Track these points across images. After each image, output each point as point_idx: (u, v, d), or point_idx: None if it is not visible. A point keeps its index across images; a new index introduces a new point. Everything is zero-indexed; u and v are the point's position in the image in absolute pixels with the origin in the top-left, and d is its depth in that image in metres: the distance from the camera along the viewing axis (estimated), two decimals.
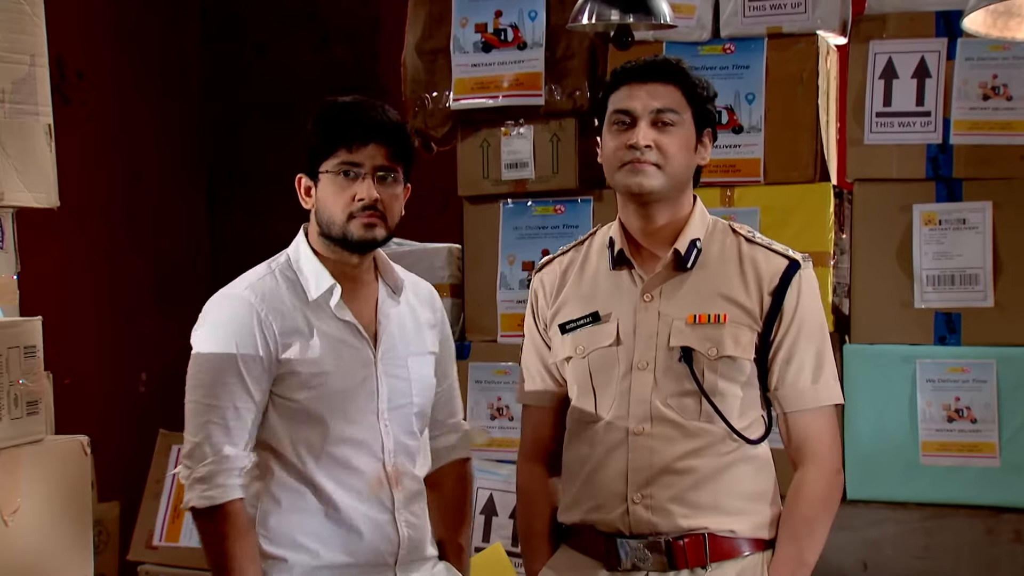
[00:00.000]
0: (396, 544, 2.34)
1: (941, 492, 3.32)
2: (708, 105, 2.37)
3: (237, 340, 2.28)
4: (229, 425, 2.25)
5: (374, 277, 2.41)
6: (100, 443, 2.77)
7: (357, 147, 2.25)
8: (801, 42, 3.47)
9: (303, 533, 2.30)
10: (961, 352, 3.31)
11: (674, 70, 2.34)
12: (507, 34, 3.74)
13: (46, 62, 2.56)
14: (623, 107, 2.31)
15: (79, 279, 4.56)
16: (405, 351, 2.39)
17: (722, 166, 3.50)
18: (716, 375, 2.29)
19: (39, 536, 2.46)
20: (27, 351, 2.46)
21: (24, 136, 2.52)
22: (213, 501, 2.23)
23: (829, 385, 2.33)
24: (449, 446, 2.56)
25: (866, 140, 3.42)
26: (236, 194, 5.29)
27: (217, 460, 2.24)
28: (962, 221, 3.34)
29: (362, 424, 2.32)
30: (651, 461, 2.29)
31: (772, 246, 2.35)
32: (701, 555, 2.27)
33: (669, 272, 2.33)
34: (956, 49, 3.35)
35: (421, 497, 2.41)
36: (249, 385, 2.26)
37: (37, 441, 2.48)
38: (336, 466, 2.30)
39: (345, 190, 2.27)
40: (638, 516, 2.29)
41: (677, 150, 2.30)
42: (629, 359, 2.32)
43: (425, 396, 2.42)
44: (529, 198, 3.76)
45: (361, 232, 2.28)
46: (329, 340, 2.31)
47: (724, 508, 2.29)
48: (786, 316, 2.30)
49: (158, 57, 5.06)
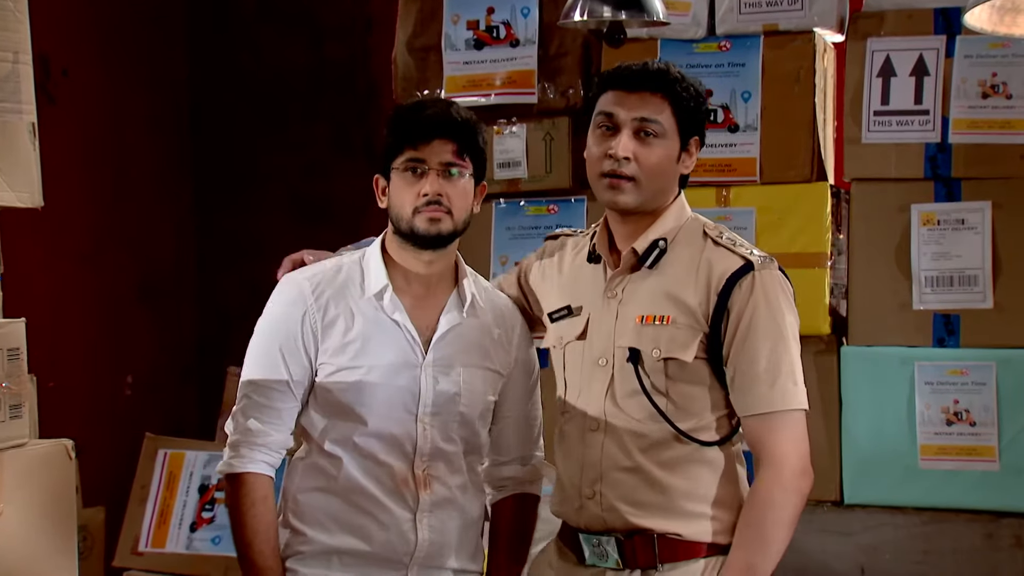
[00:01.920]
0: (413, 545, 2.39)
1: (940, 496, 3.32)
2: (697, 114, 2.36)
3: (283, 324, 2.41)
4: (259, 402, 2.39)
5: (452, 284, 2.46)
6: (85, 447, 2.76)
7: (422, 144, 2.34)
8: (798, 39, 3.49)
9: (324, 513, 2.39)
10: (960, 354, 3.32)
11: (665, 80, 2.32)
12: (499, 31, 3.74)
13: (30, 59, 2.56)
14: (607, 110, 2.33)
15: (63, 280, 4.55)
16: (459, 361, 2.42)
17: (717, 165, 3.51)
18: (665, 376, 2.29)
19: (22, 542, 2.45)
20: (10, 353, 2.46)
21: (7, 135, 2.51)
22: (232, 469, 2.39)
23: (786, 389, 2.25)
24: (514, 477, 2.55)
25: (864, 139, 3.44)
26: (224, 194, 5.28)
27: (242, 432, 2.39)
28: (961, 221, 3.35)
29: (396, 422, 2.38)
30: (600, 458, 2.32)
31: (735, 247, 2.32)
32: (651, 555, 2.28)
33: (630, 270, 2.35)
34: (955, 46, 3.36)
35: (454, 507, 2.43)
36: (285, 368, 2.39)
37: (20, 445, 2.48)
38: (364, 458, 2.38)
39: (412, 186, 2.35)
40: (590, 512, 2.33)
41: (656, 162, 2.30)
42: (591, 355, 2.36)
43: (473, 408, 2.44)
44: (522, 198, 3.76)
45: (426, 226, 2.35)
46: (373, 336, 2.39)
47: (673, 510, 2.29)
48: (733, 317, 2.27)
49: (145, 54, 5.05)
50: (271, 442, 2.39)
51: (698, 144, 2.38)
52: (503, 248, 3.75)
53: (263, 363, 2.40)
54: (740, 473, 2.35)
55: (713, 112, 3.51)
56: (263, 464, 2.39)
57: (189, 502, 3.98)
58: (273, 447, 2.40)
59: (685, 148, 2.35)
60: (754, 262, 2.29)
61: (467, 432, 2.45)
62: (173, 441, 4.14)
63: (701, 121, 2.38)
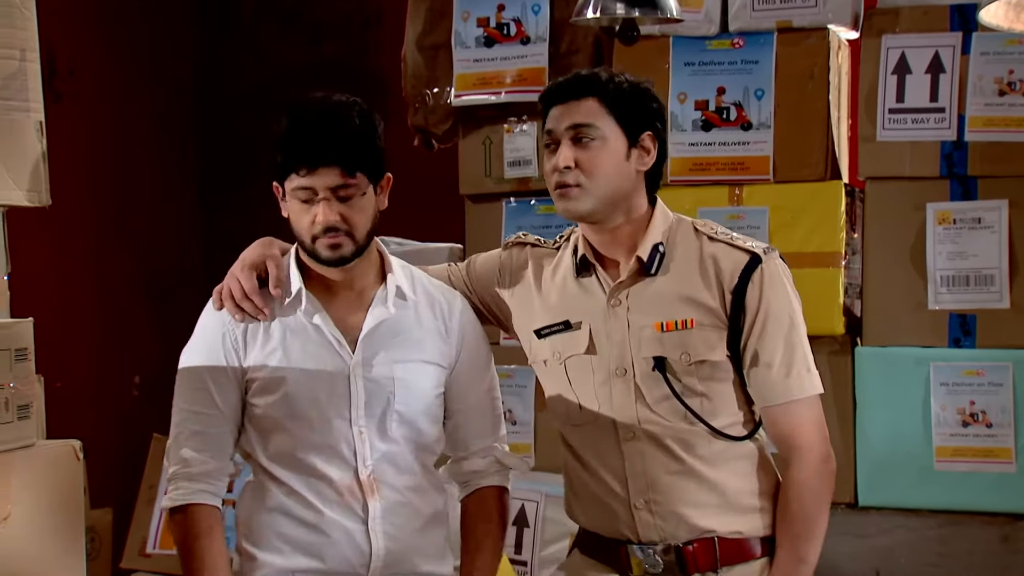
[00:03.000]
0: (368, 555, 2.33)
1: (955, 498, 3.32)
2: (641, 108, 2.35)
3: (204, 346, 2.39)
4: (192, 430, 2.36)
5: (377, 280, 2.40)
6: (92, 448, 2.77)
7: (308, 172, 2.26)
8: (812, 36, 3.48)
9: (276, 535, 2.35)
10: (976, 355, 3.32)
11: (591, 83, 2.33)
12: (510, 28, 3.74)
13: (37, 57, 2.56)
14: (547, 127, 2.35)
15: (69, 279, 4.56)
16: (390, 357, 2.37)
17: (730, 164, 3.51)
18: (695, 378, 2.31)
19: (30, 543, 2.46)
20: (18, 354, 2.47)
21: (15, 133, 2.52)
22: (175, 502, 2.35)
23: (802, 376, 2.31)
24: (476, 471, 2.49)
25: (879, 137, 3.43)
26: (230, 191, 5.28)
27: (179, 462, 2.36)
28: (977, 220, 3.34)
29: (331, 430, 2.33)
30: (646, 466, 2.32)
31: (734, 241, 2.35)
32: (711, 559, 2.30)
33: (634, 278, 2.35)
34: (971, 43, 3.35)
35: (408, 509, 2.38)
36: (214, 393, 2.35)
37: (28, 446, 2.48)
38: (305, 472, 2.33)
39: (306, 212, 2.29)
40: (644, 521, 2.32)
41: (599, 165, 2.30)
42: (606, 367, 2.35)
43: (412, 405, 2.38)
44: (532, 197, 3.76)
45: (328, 253, 2.30)
46: (294, 345, 2.35)
47: (729, 507, 2.31)
48: (749, 312, 2.30)
49: (149, 53, 5.07)
50: (210, 470, 2.34)
51: (653, 139, 2.35)
52: None
53: (190, 389, 2.37)
54: (771, 461, 2.39)
55: (726, 110, 3.51)
56: (204, 494, 2.33)
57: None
58: (213, 476, 2.34)
59: (636, 144, 2.33)
60: (760, 255, 2.31)
61: (409, 431, 2.37)
62: None
63: (648, 116, 2.35)
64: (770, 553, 2.33)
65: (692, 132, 3.54)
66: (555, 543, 3.52)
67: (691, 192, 3.50)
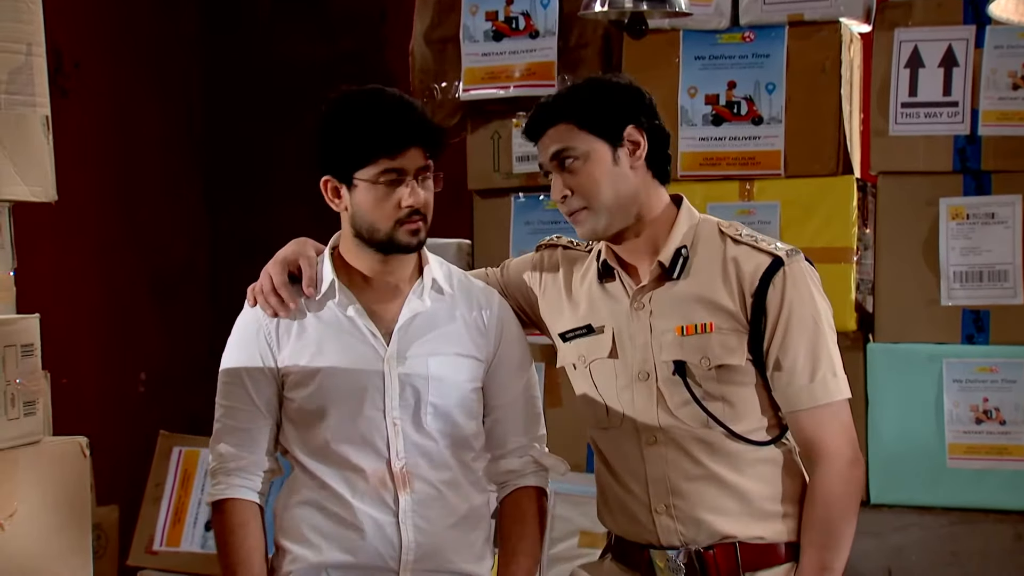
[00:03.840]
0: (398, 549, 2.34)
1: (969, 496, 3.31)
2: (614, 108, 2.33)
3: (241, 345, 2.43)
4: (230, 426, 2.40)
5: (414, 273, 2.42)
6: (99, 445, 2.77)
7: (398, 154, 2.29)
8: (823, 30, 3.47)
9: (308, 528, 2.37)
10: (990, 351, 3.31)
11: (551, 109, 2.34)
12: (519, 22, 3.74)
13: (43, 52, 2.57)
14: (539, 162, 2.38)
15: (75, 275, 4.57)
16: (426, 349, 2.38)
17: (741, 158, 3.50)
18: (717, 383, 2.30)
19: (36, 541, 2.47)
20: (24, 350, 2.47)
21: (20, 128, 2.52)
22: (213, 497, 2.39)
23: (826, 381, 2.28)
24: (512, 471, 2.47)
25: (891, 131, 3.42)
26: (237, 189, 5.29)
27: (217, 458, 2.40)
28: (991, 215, 3.34)
29: (365, 421, 2.35)
30: (668, 471, 2.32)
31: (758, 243, 2.33)
32: (733, 564, 2.29)
33: (657, 282, 2.35)
34: (985, 37, 3.34)
35: (442, 504, 2.38)
36: (249, 388, 2.39)
37: (35, 442, 2.49)
38: (338, 464, 2.35)
39: (389, 197, 2.30)
40: (665, 526, 2.32)
41: (590, 182, 2.30)
42: (628, 371, 2.35)
43: (447, 398, 2.39)
44: (541, 192, 3.75)
45: (408, 238, 2.32)
46: (328, 338, 2.37)
47: (752, 512, 2.30)
48: (771, 316, 2.28)
49: (157, 47, 5.07)
50: (247, 465, 2.37)
51: (638, 129, 2.33)
52: (522, 243, 3.74)
53: (227, 386, 2.40)
54: (800, 465, 2.37)
55: (737, 104, 3.50)
56: (242, 489, 2.37)
57: (204, 500, 3.98)
58: (249, 470, 2.38)
59: (620, 143, 2.31)
60: (782, 257, 2.29)
61: (444, 424, 2.38)
62: (188, 439, 4.14)
63: (623, 110, 2.33)
64: (794, 559, 2.31)
65: (702, 127, 3.54)
66: (564, 541, 3.52)
67: (701, 187, 3.49)
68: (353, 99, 2.34)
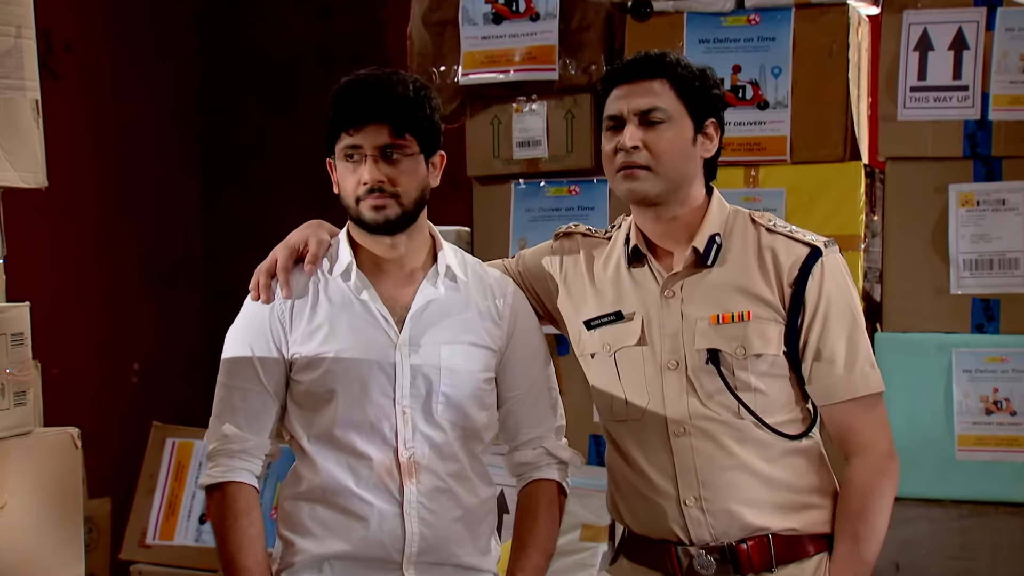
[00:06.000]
0: (402, 540, 2.34)
1: (978, 488, 3.32)
2: (706, 95, 2.36)
3: (251, 324, 2.41)
4: (235, 406, 2.38)
5: (428, 260, 2.42)
6: (91, 436, 2.77)
7: (355, 130, 2.30)
8: (831, 12, 3.46)
9: (311, 519, 2.36)
10: (1000, 340, 3.31)
11: (662, 64, 2.34)
12: (519, 4, 3.73)
13: (33, 34, 2.56)
14: (611, 112, 2.35)
15: (67, 263, 4.56)
16: (439, 337, 2.38)
17: (746, 144, 3.50)
18: (749, 372, 2.30)
19: (27, 534, 2.46)
20: (14, 339, 2.47)
21: (10, 112, 2.52)
22: (213, 479, 2.37)
23: (865, 373, 2.32)
24: (526, 463, 2.48)
25: (899, 116, 3.42)
26: (232, 174, 5.29)
27: (219, 438, 2.38)
28: (1001, 202, 3.33)
29: (373, 407, 2.34)
30: (697, 462, 2.31)
31: (793, 234, 2.35)
32: (767, 558, 2.29)
33: (690, 269, 2.35)
34: (996, 19, 3.33)
35: (448, 496, 2.37)
36: (258, 368, 2.38)
37: (25, 433, 2.49)
38: (343, 451, 2.34)
39: (352, 174, 2.32)
40: (695, 519, 2.31)
41: (668, 147, 2.31)
42: (657, 359, 2.35)
43: (459, 388, 2.38)
44: (542, 178, 3.75)
45: (372, 214, 2.32)
46: (340, 320, 2.37)
47: (784, 504, 2.31)
48: (809, 307, 2.30)
49: (151, 29, 5.06)
50: (250, 447, 2.36)
51: (716, 127, 2.38)
52: (522, 230, 3.74)
53: (234, 365, 2.39)
54: (827, 458, 2.39)
55: (742, 88, 3.50)
56: (244, 472, 2.36)
57: (198, 493, 3.98)
58: (252, 453, 2.37)
59: (701, 131, 2.35)
60: (820, 248, 2.32)
61: (456, 415, 2.37)
62: (181, 430, 4.14)
63: (713, 102, 2.38)
64: (826, 550, 2.32)
65: None
66: (566, 534, 3.52)
67: None
68: (341, 82, 2.37)
